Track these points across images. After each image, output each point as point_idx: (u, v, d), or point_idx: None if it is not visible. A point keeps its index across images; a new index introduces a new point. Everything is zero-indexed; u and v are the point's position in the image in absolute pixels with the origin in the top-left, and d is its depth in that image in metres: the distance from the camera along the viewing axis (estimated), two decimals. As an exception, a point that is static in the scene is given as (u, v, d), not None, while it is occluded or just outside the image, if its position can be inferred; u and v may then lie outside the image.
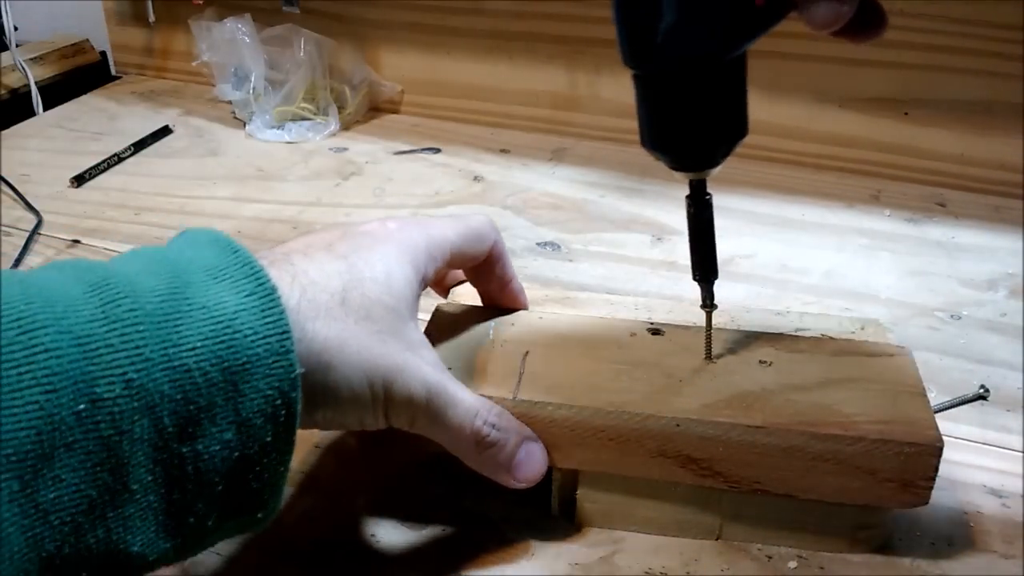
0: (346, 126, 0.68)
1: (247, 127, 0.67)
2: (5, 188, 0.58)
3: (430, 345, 0.29)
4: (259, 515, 0.24)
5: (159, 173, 0.61)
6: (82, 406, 0.20)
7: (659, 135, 0.28)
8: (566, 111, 0.67)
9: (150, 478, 0.22)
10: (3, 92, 0.73)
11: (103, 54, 0.82)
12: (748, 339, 0.33)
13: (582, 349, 0.32)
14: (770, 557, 0.31)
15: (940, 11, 0.55)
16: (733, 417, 0.29)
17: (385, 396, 0.26)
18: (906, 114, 0.58)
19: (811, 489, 0.29)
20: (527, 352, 0.32)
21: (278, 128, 0.67)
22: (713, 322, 0.32)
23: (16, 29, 0.77)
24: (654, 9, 0.25)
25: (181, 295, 0.22)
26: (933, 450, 0.28)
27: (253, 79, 0.66)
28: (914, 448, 0.28)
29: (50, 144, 0.66)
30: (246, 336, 0.22)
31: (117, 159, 0.63)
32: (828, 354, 0.32)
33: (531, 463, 0.29)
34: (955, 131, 0.58)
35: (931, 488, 0.28)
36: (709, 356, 0.32)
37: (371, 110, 0.71)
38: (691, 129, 0.27)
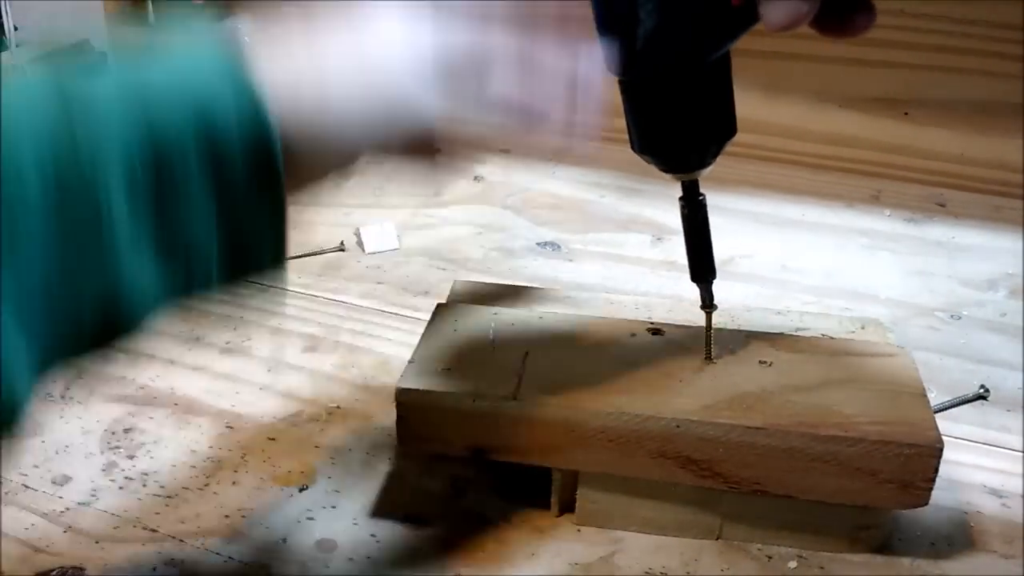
0: (346, 126, 0.68)
1: (247, 127, 0.67)
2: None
3: None
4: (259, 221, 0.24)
5: (159, 173, 0.61)
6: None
7: (647, 139, 0.28)
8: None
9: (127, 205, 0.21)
10: (3, 92, 0.73)
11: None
12: (748, 339, 0.33)
13: (582, 349, 0.32)
14: (770, 557, 0.31)
15: (940, 11, 0.55)
16: (733, 418, 0.29)
17: None
18: (906, 114, 0.58)
19: (811, 490, 0.29)
20: (527, 352, 0.32)
21: (278, 128, 0.66)
22: (713, 322, 0.32)
23: (16, 29, 0.77)
24: (632, 16, 0.25)
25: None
26: (933, 451, 0.28)
27: (253, 79, 0.66)
28: (914, 449, 0.28)
29: (50, 144, 0.66)
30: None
31: (117, 159, 0.62)
32: (828, 354, 0.32)
33: None
34: (955, 131, 0.58)
35: (931, 489, 0.28)
36: (709, 356, 0.32)
37: (371, 110, 0.71)
38: (678, 132, 0.27)
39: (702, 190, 0.30)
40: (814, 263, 0.50)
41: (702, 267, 0.30)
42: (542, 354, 0.32)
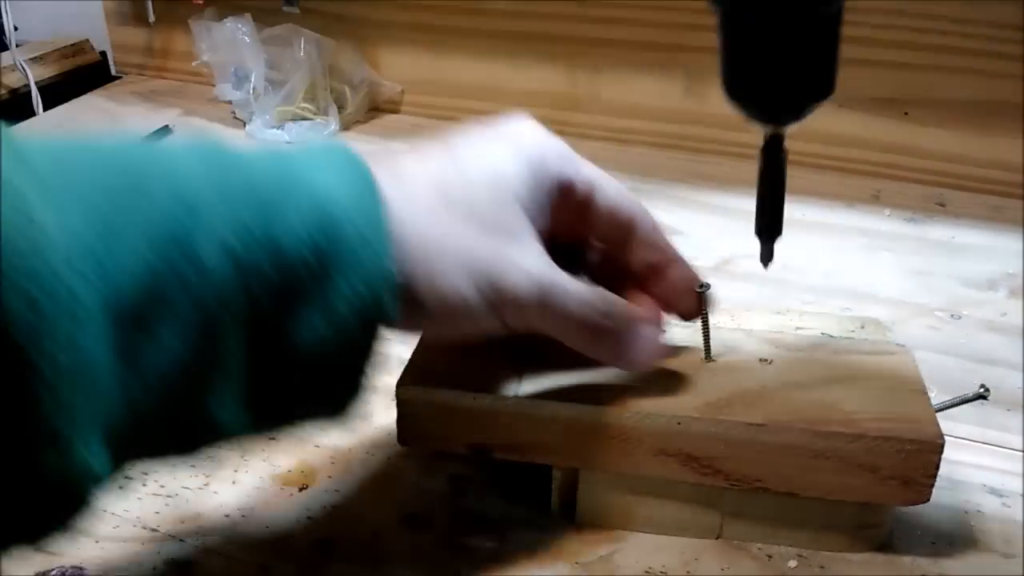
0: (346, 126, 0.68)
1: (247, 127, 0.67)
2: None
3: (539, 238, 0.26)
4: (342, 407, 0.24)
5: (159, 173, 0.61)
6: (187, 269, 0.20)
7: (743, 84, 0.27)
8: (566, 111, 0.67)
9: (241, 350, 0.22)
10: (3, 92, 0.73)
11: (103, 54, 0.82)
12: (748, 338, 0.33)
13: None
14: (770, 556, 0.31)
15: (941, 11, 0.55)
16: (734, 415, 0.29)
17: (492, 294, 0.25)
18: (906, 114, 0.58)
19: (812, 487, 0.29)
20: (528, 349, 0.32)
21: (278, 128, 0.67)
22: (713, 321, 0.32)
23: (16, 29, 0.77)
24: None
25: (287, 178, 0.22)
26: (934, 447, 0.28)
27: (253, 79, 0.66)
28: (915, 445, 0.28)
29: (50, 144, 0.66)
30: (344, 226, 0.22)
31: (117, 159, 0.62)
32: (828, 352, 0.32)
33: (646, 348, 0.28)
34: (955, 131, 0.58)
35: (932, 485, 0.28)
36: (708, 355, 0.32)
37: (371, 110, 0.71)
38: (779, 81, 0.26)
39: (700, 187, 0.29)
40: (814, 263, 0.50)
41: (772, 224, 0.30)
42: (543, 351, 0.32)
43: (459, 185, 0.25)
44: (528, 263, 0.25)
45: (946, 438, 0.28)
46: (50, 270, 0.18)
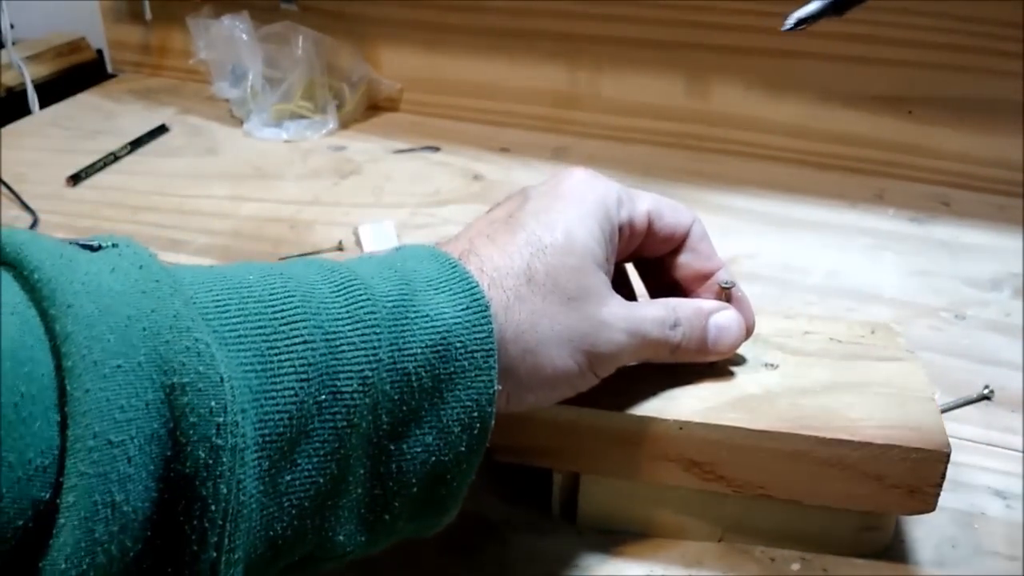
0: (344, 124, 0.68)
1: (245, 125, 0.67)
2: (1, 187, 0.58)
3: (610, 285, 0.28)
4: (440, 519, 0.26)
5: (156, 172, 0.61)
6: (324, 397, 0.21)
7: None
8: (567, 109, 0.67)
9: (362, 471, 0.23)
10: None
11: (99, 52, 0.82)
12: (754, 341, 0.32)
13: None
14: (773, 559, 0.30)
15: (944, 9, 0.55)
16: (737, 420, 0.28)
17: (589, 359, 0.26)
18: (910, 113, 0.58)
19: (816, 494, 0.29)
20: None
21: (276, 126, 0.66)
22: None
23: (12, 27, 0.77)
24: None
25: (409, 302, 0.24)
26: (941, 456, 0.27)
27: (251, 77, 0.66)
28: (921, 453, 0.27)
29: (46, 143, 0.66)
30: (457, 348, 0.24)
31: (114, 158, 0.62)
32: (835, 358, 0.32)
33: (724, 337, 0.30)
34: (959, 130, 0.57)
35: (938, 495, 0.28)
36: None
37: (370, 108, 0.71)
38: None
39: (702, 186, 0.29)
40: (817, 262, 0.50)
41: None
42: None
43: (541, 265, 0.26)
44: (615, 319, 0.27)
45: (950, 440, 0.28)
46: (222, 408, 0.19)
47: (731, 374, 0.31)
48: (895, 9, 0.56)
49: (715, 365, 0.31)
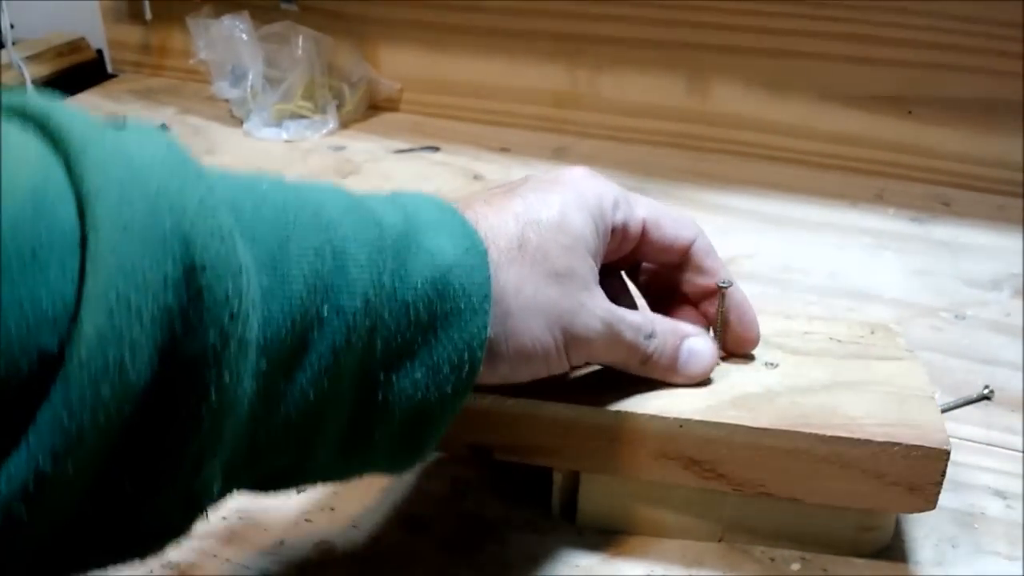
0: (344, 124, 0.68)
1: (244, 125, 0.67)
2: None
3: (597, 277, 0.28)
4: (413, 459, 0.26)
5: (156, 171, 0.61)
6: (326, 311, 0.21)
7: None
8: (567, 109, 0.67)
9: (351, 396, 0.23)
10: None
11: (99, 52, 0.82)
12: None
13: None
14: (773, 559, 0.30)
15: (944, 9, 0.55)
16: (737, 418, 0.28)
17: (566, 339, 0.26)
18: (910, 112, 0.58)
19: (816, 492, 0.29)
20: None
21: (276, 126, 0.66)
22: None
23: (12, 27, 0.77)
24: None
25: (413, 235, 0.24)
26: (941, 453, 0.27)
27: (251, 77, 0.66)
28: (921, 451, 0.27)
29: (47, 142, 0.66)
30: (455, 288, 0.24)
31: (114, 157, 0.62)
32: (836, 357, 0.32)
33: (695, 362, 0.29)
34: (959, 130, 0.57)
35: (939, 493, 0.28)
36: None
37: (370, 108, 0.71)
38: None
39: (703, 186, 0.29)
40: (817, 262, 0.50)
41: None
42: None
43: (534, 235, 0.26)
44: (596, 306, 0.27)
45: (950, 440, 0.28)
46: (237, 296, 0.19)
47: (731, 373, 0.31)
48: (895, 9, 0.56)
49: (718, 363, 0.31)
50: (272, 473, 0.23)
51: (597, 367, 0.31)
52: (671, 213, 0.30)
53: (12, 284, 0.16)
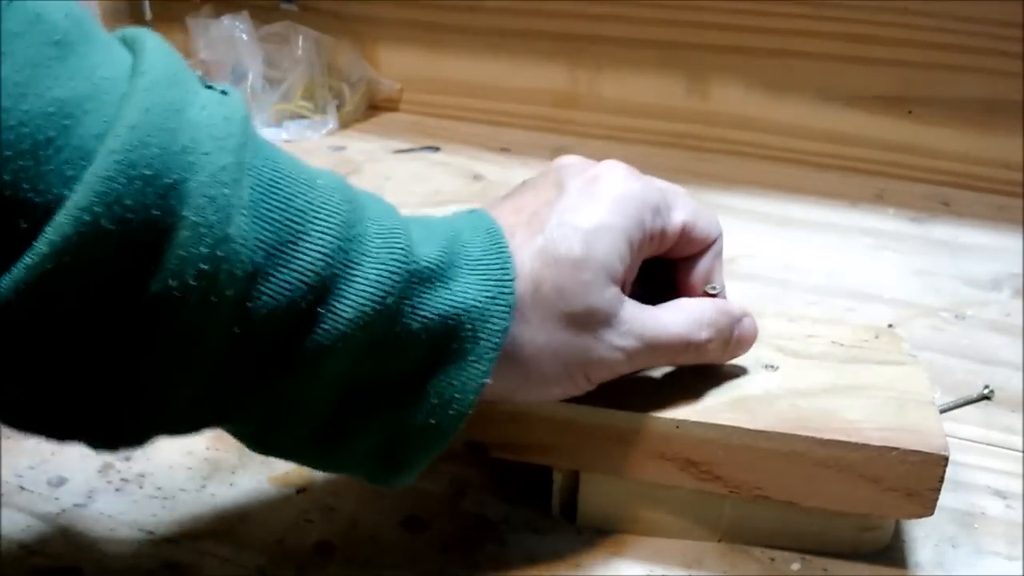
0: (345, 124, 0.68)
1: (246, 125, 0.67)
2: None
3: (623, 297, 0.27)
4: (389, 478, 0.26)
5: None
6: (323, 310, 0.22)
7: None
8: (567, 109, 0.67)
9: (331, 390, 0.23)
10: None
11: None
12: (755, 343, 0.32)
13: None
14: (773, 559, 0.30)
15: (944, 9, 0.55)
16: (734, 420, 0.28)
17: (585, 372, 0.27)
18: (910, 112, 0.58)
19: (813, 496, 0.29)
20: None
21: (276, 126, 0.66)
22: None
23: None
24: None
25: (442, 269, 0.24)
26: (939, 459, 0.27)
27: (251, 77, 0.66)
28: (920, 456, 0.27)
29: (47, 142, 0.66)
30: (467, 329, 0.24)
31: (115, 157, 0.62)
32: (837, 361, 0.32)
33: (743, 342, 0.30)
34: (959, 130, 0.57)
35: (937, 499, 0.28)
36: None
37: (370, 108, 0.71)
38: None
39: (702, 186, 0.29)
40: (817, 262, 0.50)
41: None
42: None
43: (550, 274, 0.26)
44: (622, 334, 0.26)
45: (949, 440, 0.28)
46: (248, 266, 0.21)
47: (731, 375, 0.31)
48: (895, 9, 0.56)
49: (715, 367, 0.31)
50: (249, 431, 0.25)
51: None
52: (704, 213, 0.29)
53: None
